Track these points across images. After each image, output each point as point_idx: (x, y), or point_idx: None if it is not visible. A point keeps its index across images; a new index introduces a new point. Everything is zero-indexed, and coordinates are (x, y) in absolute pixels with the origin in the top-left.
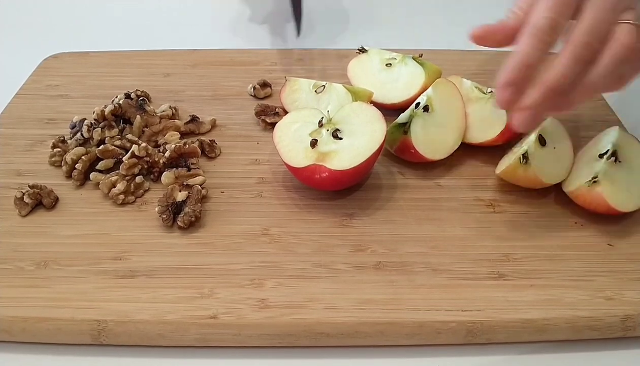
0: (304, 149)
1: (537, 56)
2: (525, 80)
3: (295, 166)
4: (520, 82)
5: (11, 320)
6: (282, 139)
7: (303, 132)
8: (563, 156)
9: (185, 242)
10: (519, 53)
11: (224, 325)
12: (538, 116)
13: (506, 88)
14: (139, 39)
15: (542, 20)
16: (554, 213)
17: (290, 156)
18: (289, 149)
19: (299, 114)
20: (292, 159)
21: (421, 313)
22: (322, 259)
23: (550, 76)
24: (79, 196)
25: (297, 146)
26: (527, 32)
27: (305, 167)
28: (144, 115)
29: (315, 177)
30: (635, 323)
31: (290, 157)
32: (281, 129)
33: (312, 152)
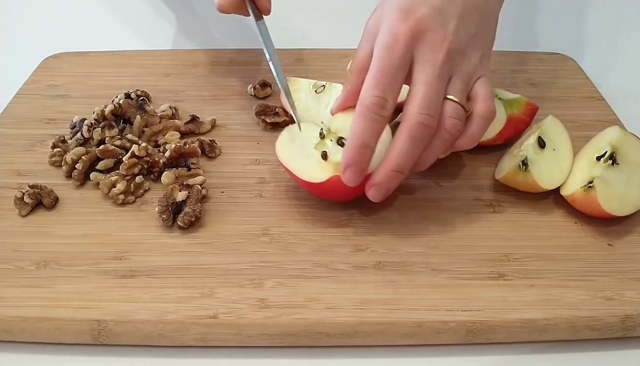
0: (317, 163)
1: (370, 135)
2: (365, 158)
3: (317, 181)
4: (360, 162)
5: (11, 319)
6: (290, 159)
7: (307, 147)
8: (562, 158)
9: (186, 242)
10: (353, 135)
11: (224, 324)
12: (389, 188)
13: (347, 169)
14: (139, 39)
15: (370, 99)
16: (554, 213)
17: (308, 174)
18: (302, 167)
19: (294, 131)
20: (311, 176)
21: (421, 313)
22: (322, 259)
23: (393, 157)
24: (79, 196)
25: (309, 162)
26: (357, 111)
27: (326, 180)
28: (144, 115)
29: (338, 190)
30: (635, 323)
31: (308, 175)
32: (283, 149)
33: (327, 164)
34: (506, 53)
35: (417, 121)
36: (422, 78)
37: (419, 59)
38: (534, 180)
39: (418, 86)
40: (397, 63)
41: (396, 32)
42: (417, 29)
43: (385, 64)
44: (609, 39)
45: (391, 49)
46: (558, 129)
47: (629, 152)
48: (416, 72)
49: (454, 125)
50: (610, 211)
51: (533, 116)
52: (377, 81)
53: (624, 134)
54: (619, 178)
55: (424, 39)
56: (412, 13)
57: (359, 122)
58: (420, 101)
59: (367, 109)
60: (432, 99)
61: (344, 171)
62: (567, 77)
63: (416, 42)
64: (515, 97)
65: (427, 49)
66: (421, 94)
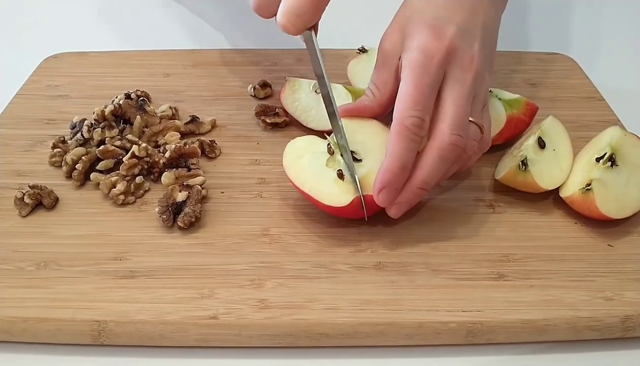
0: (335, 183)
1: (409, 157)
2: (402, 179)
3: (340, 206)
4: (397, 183)
5: (11, 320)
6: (305, 181)
7: (317, 165)
8: (562, 158)
9: (186, 242)
10: (393, 156)
11: (224, 325)
12: (411, 205)
13: (383, 190)
14: (139, 39)
15: (410, 120)
16: (554, 214)
17: (329, 198)
18: (320, 190)
19: (298, 146)
20: (333, 200)
21: (421, 314)
22: (322, 259)
23: (421, 176)
24: (79, 197)
25: (325, 183)
26: (396, 131)
27: (351, 203)
28: (144, 115)
29: (359, 210)
30: (635, 323)
31: (330, 200)
32: (292, 169)
33: (344, 184)
34: (506, 53)
35: (449, 142)
36: (452, 98)
37: (449, 79)
38: (534, 180)
39: (449, 106)
40: (432, 81)
41: (429, 50)
42: (450, 48)
43: (421, 83)
44: (609, 39)
45: (426, 68)
46: (558, 130)
47: (628, 153)
48: (446, 91)
49: (472, 147)
50: (608, 213)
51: (533, 116)
52: (415, 101)
53: (624, 135)
54: (618, 180)
55: (455, 58)
56: (442, 31)
57: (398, 142)
58: (452, 121)
59: (407, 129)
60: (463, 120)
61: (379, 192)
62: (567, 77)
63: (449, 61)
64: (515, 97)
65: (458, 69)
66: (452, 114)
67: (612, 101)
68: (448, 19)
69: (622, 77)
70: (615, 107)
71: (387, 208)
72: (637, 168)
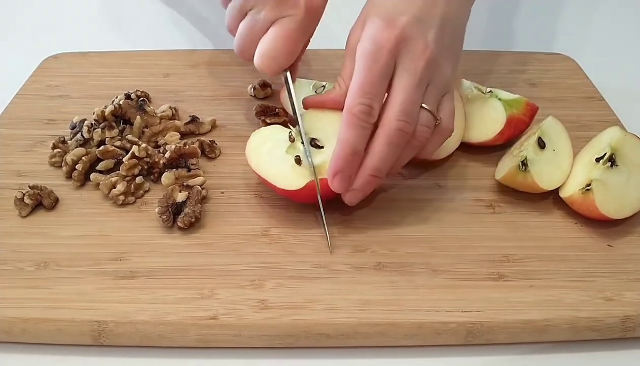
0: (292, 168)
1: (360, 143)
2: (354, 165)
3: (294, 189)
4: (349, 169)
5: (11, 320)
6: (262, 166)
7: (277, 152)
8: (562, 158)
9: (185, 243)
10: (343, 143)
11: (224, 325)
12: (365, 193)
13: (336, 176)
14: (139, 39)
15: (358, 107)
16: (554, 214)
17: (283, 181)
18: (276, 173)
19: (262, 134)
20: (287, 183)
21: (421, 314)
22: (322, 259)
23: (371, 163)
24: (79, 197)
25: (283, 167)
26: (345, 120)
27: (304, 186)
28: (144, 115)
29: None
30: (635, 323)
31: (284, 182)
32: (253, 156)
33: (301, 169)
34: (506, 53)
35: (395, 127)
36: (401, 86)
37: (400, 67)
38: (534, 180)
39: (397, 93)
40: (382, 71)
41: (380, 40)
42: (400, 37)
43: (370, 73)
44: (609, 39)
45: (376, 58)
46: (558, 130)
47: (628, 153)
48: (396, 79)
49: (424, 133)
50: (608, 213)
51: (533, 117)
52: (363, 90)
53: (624, 135)
54: (618, 180)
55: (406, 47)
56: (394, 22)
57: (347, 130)
58: (399, 108)
59: (355, 117)
60: (411, 107)
61: (333, 178)
62: (567, 77)
63: (399, 50)
64: (515, 97)
65: (408, 58)
66: (400, 101)
67: (612, 101)
68: (403, 11)
69: (622, 77)
70: (615, 107)
71: (343, 195)
72: (637, 168)
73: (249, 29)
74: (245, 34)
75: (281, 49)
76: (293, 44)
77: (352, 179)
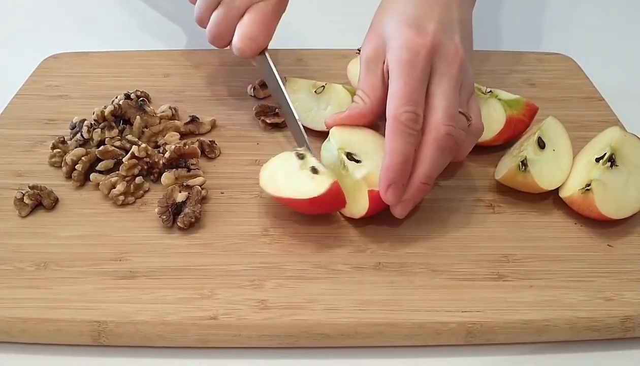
0: (311, 179)
1: (409, 152)
2: (405, 174)
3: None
4: (402, 179)
5: (11, 321)
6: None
7: (291, 173)
8: (562, 158)
9: (185, 243)
10: (393, 153)
11: (224, 325)
12: (415, 202)
13: (389, 188)
14: (139, 39)
15: (404, 115)
16: (553, 214)
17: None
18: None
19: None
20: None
21: (421, 314)
22: (322, 260)
23: (423, 170)
24: (79, 197)
25: (302, 182)
26: (393, 129)
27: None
28: (144, 116)
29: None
30: (635, 324)
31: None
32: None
33: (321, 176)
34: (506, 53)
35: (444, 132)
36: (441, 91)
37: (436, 72)
38: (534, 180)
39: (439, 99)
40: (421, 77)
41: (414, 47)
42: (433, 43)
43: (410, 79)
44: (609, 39)
45: (413, 64)
46: (558, 130)
47: (628, 154)
48: (435, 85)
49: (461, 136)
50: (608, 214)
51: (533, 117)
52: (407, 97)
53: (624, 135)
54: (618, 180)
55: (439, 52)
56: (423, 28)
57: (396, 139)
58: (444, 112)
59: (403, 124)
60: (454, 111)
61: (386, 190)
62: (567, 77)
63: (433, 56)
64: (515, 97)
65: (443, 63)
66: (445, 106)
67: (612, 101)
68: (426, 17)
69: (622, 77)
70: (615, 107)
71: (393, 208)
72: (637, 168)
73: (225, 15)
74: (221, 20)
75: (259, 31)
76: (269, 25)
77: (404, 188)
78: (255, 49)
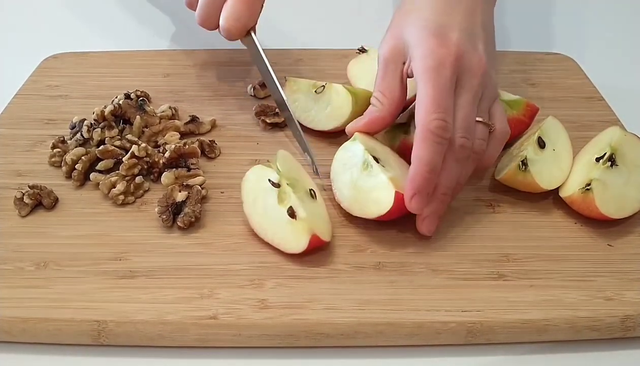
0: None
1: (437, 161)
2: (431, 184)
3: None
4: (428, 188)
5: (11, 320)
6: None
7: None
8: (562, 158)
9: (185, 242)
10: (420, 161)
11: (224, 325)
12: (439, 215)
13: (414, 197)
14: (139, 39)
15: (434, 123)
16: (554, 214)
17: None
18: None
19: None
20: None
21: (421, 314)
22: (322, 259)
23: (442, 182)
24: (79, 197)
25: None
26: (422, 136)
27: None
28: (144, 115)
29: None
30: (635, 323)
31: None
32: (254, 217)
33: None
34: (506, 53)
35: (459, 145)
36: (459, 102)
37: (459, 84)
38: (534, 180)
39: (457, 110)
40: (448, 85)
41: (440, 56)
42: (458, 54)
43: (439, 87)
44: (609, 39)
45: (440, 72)
46: (558, 130)
47: (628, 153)
48: (456, 96)
49: (480, 146)
50: (608, 213)
51: (533, 117)
52: (436, 103)
53: (624, 135)
54: (618, 180)
55: (463, 63)
56: (447, 38)
57: (424, 147)
58: (458, 124)
59: (432, 133)
60: (469, 123)
61: (411, 199)
62: (567, 77)
63: (457, 67)
64: (515, 98)
65: (466, 75)
66: (460, 118)
67: (612, 101)
68: (449, 24)
69: (622, 77)
70: (615, 107)
71: (419, 226)
72: (637, 168)
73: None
74: (209, 2)
75: (243, 11)
76: (254, 5)
77: (429, 198)
78: (241, 29)
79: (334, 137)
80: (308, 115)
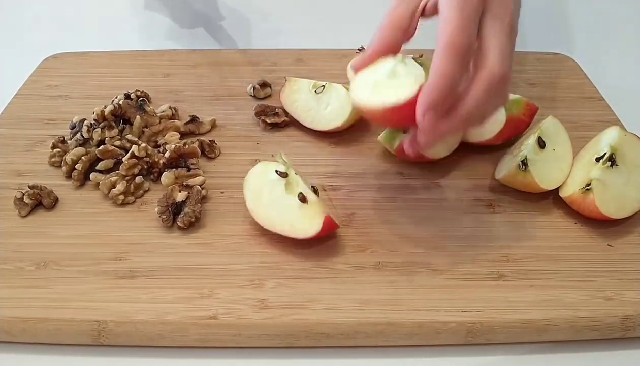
0: (300, 210)
1: (457, 78)
2: (446, 105)
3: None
4: (442, 106)
5: (11, 320)
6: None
7: (277, 197)
8: (562, 158)
9: (185, 242)
10: (440, 76)
11: (224, 325)
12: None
13: (428, 112)
14: (139, 38)
15: (458, 38)
16: (553, 213)
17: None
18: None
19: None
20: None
21: (421, 314)
22: (322, 259)
23: (467, 107)
24: (79, 197)
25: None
26: (443, 50)
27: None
28: (144, 115)
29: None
30: (635, 323)
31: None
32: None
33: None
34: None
35: (500, 74)
36: (495, 33)
37: (488, 13)
38: (534, 180)
39: (494, 40)
40: (475, 11)
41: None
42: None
43: (466, 9)
44: (609, 39)
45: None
46: (558, 130)
47: (628, 153)
48: (488, 26)
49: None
50: (608, 213)
51: (533, 117)
52: (463, 23)
53: (624, 135)
54: (618, 180)
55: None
56: None
57: (448, 63)
58: (499, 54)
59: (455, 48)
60: (509, 55)
61: (424, 114)
62: (567, 77)
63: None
64: (515, 97)
65: (496, 4)
66: (500, 48)
67: (612, 101)
68: None
69: (622, 77)
70: (615, 107)
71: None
72: (637, 168)
73: None
74: None
75: None
76: None
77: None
78: None
79: (334, 137)
80: (308, 115)
